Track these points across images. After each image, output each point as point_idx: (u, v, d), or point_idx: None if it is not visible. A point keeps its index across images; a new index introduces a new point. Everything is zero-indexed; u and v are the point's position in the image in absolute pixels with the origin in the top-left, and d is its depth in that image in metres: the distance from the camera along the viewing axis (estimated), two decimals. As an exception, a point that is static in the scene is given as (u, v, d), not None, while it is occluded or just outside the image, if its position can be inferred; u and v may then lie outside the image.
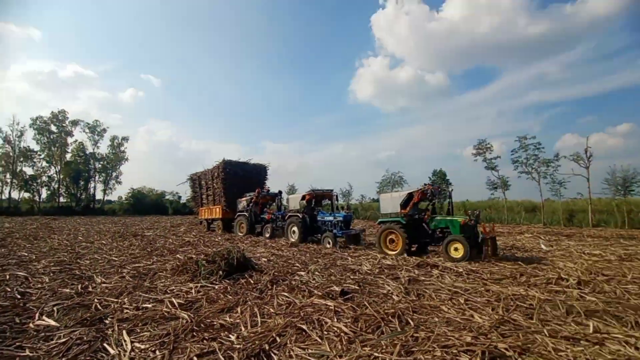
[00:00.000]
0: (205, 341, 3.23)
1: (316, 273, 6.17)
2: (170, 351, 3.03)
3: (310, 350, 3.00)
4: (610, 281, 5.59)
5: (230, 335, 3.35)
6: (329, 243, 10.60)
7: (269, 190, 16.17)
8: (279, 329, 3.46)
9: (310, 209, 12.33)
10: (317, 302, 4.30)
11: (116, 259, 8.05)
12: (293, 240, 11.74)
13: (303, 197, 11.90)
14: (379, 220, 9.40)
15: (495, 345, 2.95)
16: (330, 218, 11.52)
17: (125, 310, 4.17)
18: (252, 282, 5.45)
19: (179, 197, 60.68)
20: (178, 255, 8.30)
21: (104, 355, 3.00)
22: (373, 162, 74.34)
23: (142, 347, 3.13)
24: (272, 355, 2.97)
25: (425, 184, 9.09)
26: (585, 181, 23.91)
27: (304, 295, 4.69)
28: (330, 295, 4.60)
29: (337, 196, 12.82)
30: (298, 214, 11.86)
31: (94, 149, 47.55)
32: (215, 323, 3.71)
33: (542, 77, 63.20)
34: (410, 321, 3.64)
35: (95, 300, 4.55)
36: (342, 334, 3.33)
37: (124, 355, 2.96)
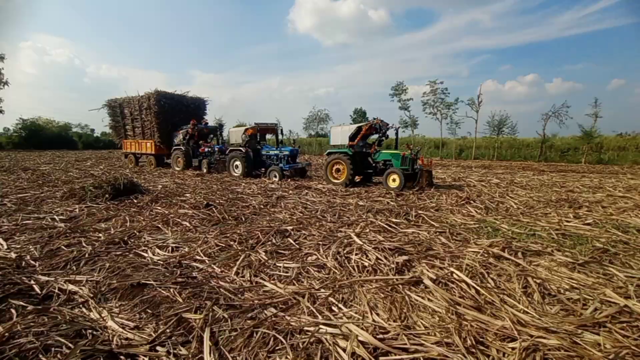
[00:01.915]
0: (75, 238, 4.24)
1: (200, 194, 7.37)
2: (42, 245, 3.99)
3: (154, 236, 4.28)
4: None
5: (100, 234, 4.42)
6: (275, 176, 10.64)
7: (207, 123, 15.37)
8: (139, 227, 4.65)
9: (254, 143, 12.14)
10: (181, 212, 5.55)
11: (-2, 190, 7.98)
12: (236, 174, 11.63)
13: (245, 131, 11.62)
14: (328, 151, 9.88)
15: (282, 225, 4.62)
16: (276, 152, 11.48)
17: (3, 227, 4.81)
18: (135, 202, 6.40)
19: (92, 130, 53.45)
20: (72, 185, 8.56)
21: (-21, 251, 3.82)
22: (312, 97, 73.83)
23: (18, 246, 4.01)
24: (128, 241, 4.16)
25: (374, 118, 9.39)
26: (474, 122, 28.66)
27: (175, 208, 5.88)
28: (196, 207, 5.88)
29: (281, 130, 12.68)
30: (241, 148, 11.58)
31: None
32: (88, 229, 4.70)
33: (475, 25, 66.75)
34: (243, 219, 5.15)
35: (-28, 221, 5.03)
36: (187, 228, 4.67)
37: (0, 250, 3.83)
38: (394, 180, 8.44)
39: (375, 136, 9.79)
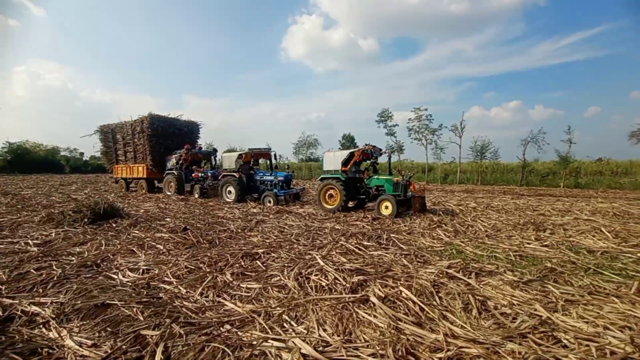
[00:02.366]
0: (44, 262, 4.31)
1: (181, 218, 7.48)
2: (11, 269, 4.04)
3: (127, 259, 4.38)
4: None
5: (72, 258, 4.49)
6: (269, 202, 10.57)
7: (200, 148, 15.39)
8: (114, 251, 4.74)
9: (247, 168, 12.06)
10: (158, 235, 5.66)
11: (-25, 215, 7.94)
12: (229, 199, 11.51)
13: (240, 156, 11.60)
14: (321, 176, 9.87)
15: (254, 249, 4.78)
16: (271, 177, 11.38)
17: (-24, 251, 4.84)
18: (114, 226, 6.48)
19: (81, 154, 53.12)
20: (51, 210, 8.56)
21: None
22: (303, 122, 75.64)
23: (-13, 269, 4.05)
24: (101, 264, 4.25)
25: (366, 144, 9.50)
26: (458, 148, 29.77)
27: (153, 232, 5.98)
28: (174, 231, 6.00)
29: (275, 155, 12.66)
30: (234, 174, 11.49)
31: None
32: (62, 253, 4.77)
33: (459, 54, 71.56)
34: (217, 242, 5.30)
35: (-56, 245, 5.04)
36: (161, 251, 4.79)
37: (-33, 273, 3.87)
38: (386, 207, 8.38)
39: (368, 162, 9.90)
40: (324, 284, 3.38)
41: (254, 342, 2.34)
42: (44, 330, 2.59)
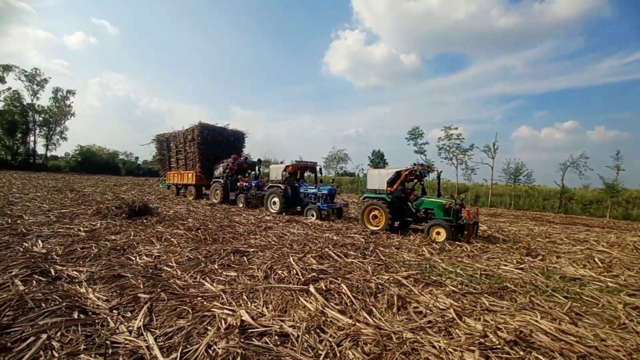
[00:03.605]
0: (88, 244, 5.58)
1: (200, 220, 8.68)
2: (65, 247, 5.34)
3: (146, 247, 5.50)
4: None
5: (108, 242, 5.74)
6: (312, 215, 10.62)
7: (246, 158, 16.01)
8: (138, 240, 5.92)
9: (293, 180, 12.26)
10: (176, 232, 6.81)
11: (47, 206, 9.88)
12: (273, 210, 11.69)
13: (286, 168, 11.86)
14: (365, 195, 9.55)
15: (248, 248, 5.67)
16: (315, 190, 11.46)
17: (43, 233, 6.33)
18: (144, 221, 7.81)
19: (136, 158, 59.42)
20: (100, 205, 10.32)
21: (20, 248, 5.24)
22: (340, 137, 77.01)
23: (49, 246, 5.40)
24: (125, 249, 5.41)
25: (414, 164, 9.05)
26: (490, 169, 28.75)
27: (173, 229, 7.16)
28: (190, 229, 7.13)
29: (320, 169, 12.77)
30: (280, 185, 11.73)
31: (32, 100, 44.66)
32: (101, 238, 6.06)
33: (507, 71, 69.08)
34: (220, 240, 6.28)
35: (22, 228, 6.63)
36: (173, 244, 5.87)
37: (35, 247, 5.23)
38: (438, 233, 7.82)
39: (415, 181, 9.57)
40: (284, 276, 4.14)
41: (213, 309, 3.17)
42: (77, 287, 3.67)
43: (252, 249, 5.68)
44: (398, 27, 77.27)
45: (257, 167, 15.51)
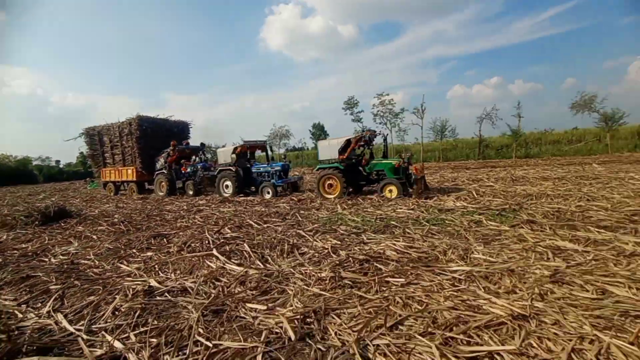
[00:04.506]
0: (-6, 255, 5.40)
1: (127, 214, 8.61)
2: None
3: (62, 248, 5.53)
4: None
5: (15, 251, 5.60)
6: (268, 192, 10.69)
7: (188, 144, 15.36)
8: (54, 243, 5.87)
9: (243, 161, 12.23)
10: (98, 229, 6.80)
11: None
12: (226, 194, 11.52)
13: (234, 150, 11.73)
14: (318, 166, 9.92)
15: (170, 232, 6.01)
16: (268, 168, 11.59)
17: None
18: (62, 225, 7.55)
19: (57, 162, 52.25)
20: (6, 217, 9.49)
21: None
22: (287, 113, 75.66)
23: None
24: (38, 254, 5.38)
25: (363, 131, 9.94)
26: (420, 129, 31.37)
27: (95, 227, 7.10)
28: (114, 224, 7.14)
29: (270, 147, 13.50)
30: (230, 168, 11.61)
31: None
32: (8, 248, 5.85)
33: (441, 34, 73.05)
34: (143, 229, 6.49)
35: None
36: (93, 240, 5.95)
37: None
38: (390, 191, 8.61)
39: (364, 147, 10.13)
40: (196, 247, 4.67)
41: (123, 283, 3.59)
42: (-18, 292, 3.77)
43: (173, 232, 6.03)
44: (331, -2, 75.83)
45: (201, 152, 14.99)
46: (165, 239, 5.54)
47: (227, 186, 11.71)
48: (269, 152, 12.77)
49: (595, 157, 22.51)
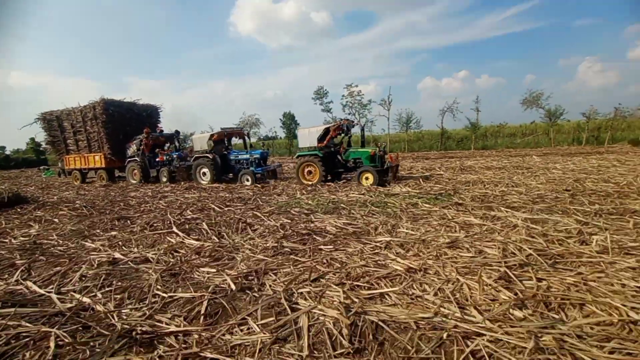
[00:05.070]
0: (-50, 238, 5.46)
1: (90, 200, 8.67)
2: None
3: (22, 231, 5.69)
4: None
5: (-26, 234, 5.67)
6: (247, 180, 10.70)
7: (162, 131, 14.99)
8: (12, 227, 5.98)
9: (220, 148, 12.09)
10: (59, 214, 6.93)
11: None
12: (204, 182, 11.42)
13: (211, 137, 11.53)
14: (298, 154, 10.23)
15: (134, 214, 6.33)
16: (247, 156, 11.48)
17: None
18: (19, 210, 7.53)
19: (2, 148, 48.00)
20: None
21: None
22: (259, 101, 74.21)
23: None
24: (-1, 236, 5.51)
25: (341, 120, 9.96)
26: (386, 120, 32.56)
27: (56, 212, 7.20)
28: (72, 209, 7.27)
29: (248, 134, 12.84)
30: (207, 155, 11.44)
31: None
32: (-34, 232, 5.88)
33: (413, 26, 74.31)
34: (107, 212, 6.73)
35: None
36: (55, 223, 6.13)
37: None
38: (367, 178, 8.99)
39: (342, 135, 10.46)
40: (158, 227, 5.10)
41: (88, 256, 3.99)
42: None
43: (137, 215, 6.36)
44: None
45: (175, 140, 14.87)
46: (129, 221, 5.88)
47: (204, 173, 11.57)
48: (247, 140, 12.80)
49: (540, 149, 24.95)
